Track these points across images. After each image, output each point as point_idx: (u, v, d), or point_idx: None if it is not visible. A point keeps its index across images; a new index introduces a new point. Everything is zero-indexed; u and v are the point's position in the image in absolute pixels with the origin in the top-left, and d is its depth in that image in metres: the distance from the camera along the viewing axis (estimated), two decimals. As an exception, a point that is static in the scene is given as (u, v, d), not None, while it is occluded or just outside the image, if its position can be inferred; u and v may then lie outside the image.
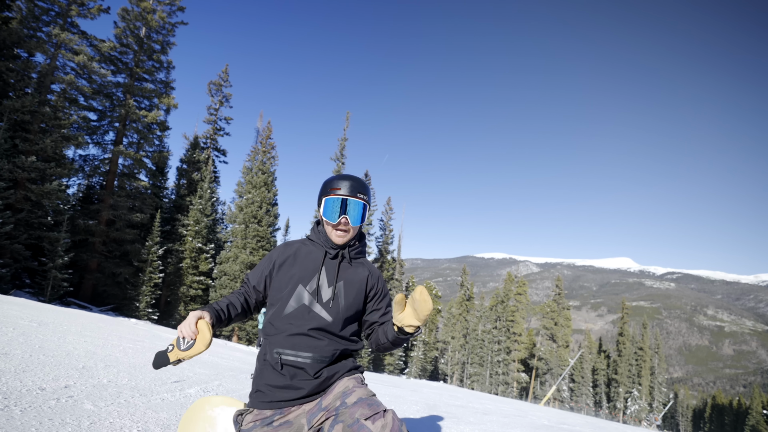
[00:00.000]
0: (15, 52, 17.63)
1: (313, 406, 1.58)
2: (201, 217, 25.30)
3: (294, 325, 1.63)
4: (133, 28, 22.67)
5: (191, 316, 1.56)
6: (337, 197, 1.69)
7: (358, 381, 1.63)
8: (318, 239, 1.77)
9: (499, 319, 47.14)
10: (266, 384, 1.60)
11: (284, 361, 1.58)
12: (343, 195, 1.68)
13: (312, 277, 1.69)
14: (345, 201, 1.68)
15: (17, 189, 16.57)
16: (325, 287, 1.69)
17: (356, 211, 1.69)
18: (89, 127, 21.92)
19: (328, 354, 1.60)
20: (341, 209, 1.68)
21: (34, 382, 2.96)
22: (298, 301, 1.66)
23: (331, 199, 1.69)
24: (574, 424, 11.25)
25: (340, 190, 1.69)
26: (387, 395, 7.56)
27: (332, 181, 1.73)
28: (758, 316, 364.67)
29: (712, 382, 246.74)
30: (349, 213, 1.68)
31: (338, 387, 1.59)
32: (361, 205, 1.70)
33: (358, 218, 1.70)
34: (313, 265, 1.72)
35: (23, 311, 7.80)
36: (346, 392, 1.55)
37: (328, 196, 1.70)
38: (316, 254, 1.75)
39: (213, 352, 9.00)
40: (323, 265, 1.72)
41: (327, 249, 1.74)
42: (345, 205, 1.68)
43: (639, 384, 49.78)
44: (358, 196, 1.69)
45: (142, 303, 21.26)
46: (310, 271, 1.71)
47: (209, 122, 30.10)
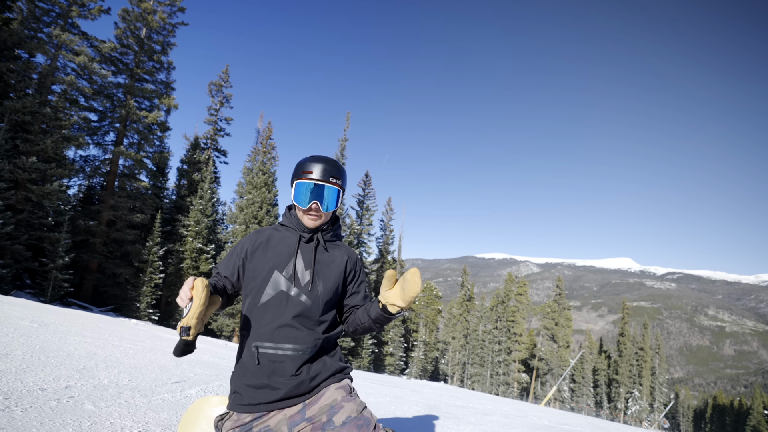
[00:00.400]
0: (16, 52, 17.65)
1: (295, 413, 1.49)
2: (201, 218, 25.31)
3: (273, 314, 1.54)
4: (134, 28, 22.68)
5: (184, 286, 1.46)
6: (309, 182, 1.58)
7: (347, 390, 1.55)
8: (290, 223, 1.68)
9: (500, 319, 47.11)
10: (243, 384, 1.52)
11: (262, 355, 1.49)
12: (315, 180, 1.57)
13: (288, 262, 1.60)
14: (316, 186, 1.57)
15: (18, 190, 16.59)
16: (302, 270, 1.60)
17: (329, 197, 1.59)
18: (90, 127, 21.93)
19: (309, 345, 1.52)
20: (312, 194, 1.57)
21: (35, 382, 2.96)
22: (275, 288, 1.56)
23: (303, 183, 1.59)
24: (575, 424, 11.24)
25: (312, 173, 1.57)
26: (387, 396, 7.56)
27: (304, 163, 1.61)
28: (759, 317, 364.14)
29: (713, 383, 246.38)
30: (319, 198, 1.57)
31: (325, 398, 1.50)
32: (335, 191, 1.60)
33: (330, 204, 1.60)
34: (287, 249, 1.62)
35: (24, 312, 7.81)
36: (334, 407, 1.46)
37: (299, 180, 1.59)
38: (290, 239, 1.65)
39: (214, 352, 8.99)
40: (299, 249, 1.62)
41: (300, 233, 1.64)
42: (317, 190, 1.57)
43: (640, 384, 49.71)
44: (331, 180, 1.58)
45: (143, 303, 21.27)
46: (285, 255, 1.61)
47: (210, 123, 30.12)
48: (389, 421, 4.54)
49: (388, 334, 36.60)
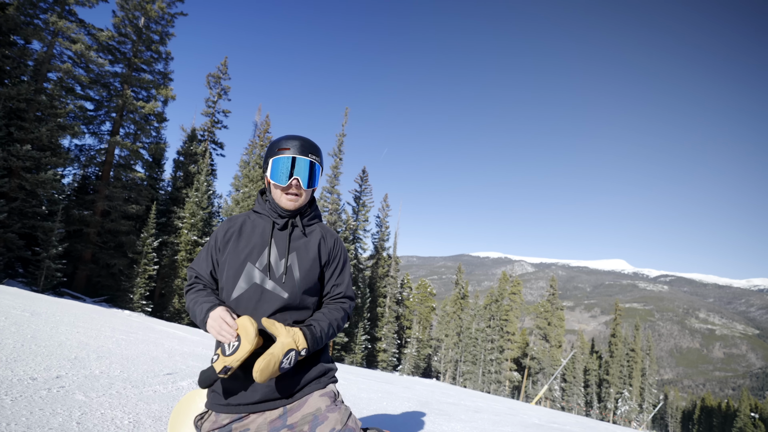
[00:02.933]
0: (11, 38, 17.43)
1: (275, 418, 1.43)
2: (197, 210, 25.21)
3: (246, 308, 1.46)
4: (132, 17, 22.45)
5: (217, 316, 1.36)
6: (287, 157, 1.50)
7: (331, 398, 1.48)
8: (263, 209, 1.58)
9: (493, 318, 47.35)
10: (220, 383, 1.46)
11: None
12: (293, 154, 1.50)
13: (261, 253, 1.51)
14: (294, 161, 1.50)
15: (11, 178, 16.44)
16: (276, 261, 1.50)
17: (309, 173, 1.51)
18: (86, 116, 21.73)
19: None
20: (292, 170, 1.49)
21: (26, 371, 2.95)
22: (248, 281, 1.47)
23: (279, 159, 1.50)
24: (565, 423, 11.35)
25: (288, 150, 1.50)
26: (379, 392, 7.59)
27: (279, 141, 1.55)
28: (749, 320, 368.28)
29: (702, 385, 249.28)
30: (299, 174, 1.50)
31: (308, 405, 1.44)
32: (314, 166, 1.53)
33: (311, 180, 1.53)
34: (260, 239, 1.54)
35: (16, 301, 7.76)
36: (318, 417, 1.40)
37: (276, 156, 1.51)
38: (263, 226, 1.56)
39: (206, 345, 8.97)
40: (272, 238, 1.54)
41: (274, 219, 1.56)
42: (294, 165, 1.50)
43: (630, 385, 50.20)
44: (309, 156, 1.52)
45: (136, 295, 21.19)
46: (258, 246, 1.52)
47: (207, 115, 29.93)
48: (380, 417, 4.57)
49: (382, 330, 36.70)
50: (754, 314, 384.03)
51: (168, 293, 24.52)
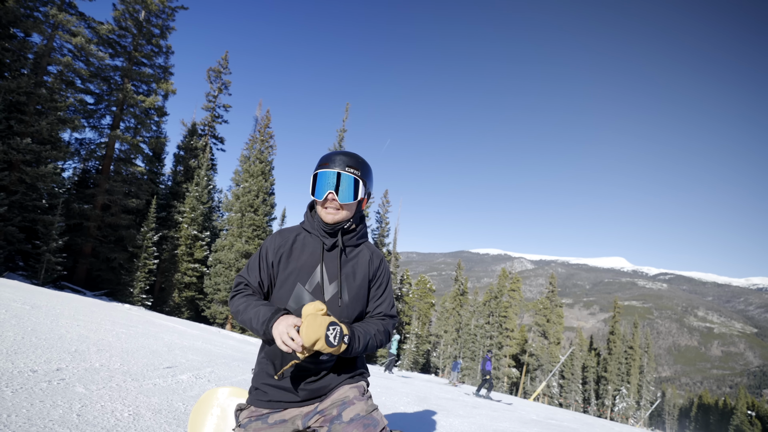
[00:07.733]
0: (11, 31, 17.34)
1: (311, 410, 1.51)
2: (197, 205, 25.21)
3: None
4: (133, 11, 22.33)
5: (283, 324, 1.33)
6: (325, 171, 1.52)
7: (360, 391, 1.52)
8: (311, 227, 1.59)
9: (492, 314, 47.45)
10: (265, 383, 1.53)
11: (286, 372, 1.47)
12: (331, 169, 1.51)
13: (311, 274, 1.53)
14: (333, 175, 1.51)
15: (12, 171, 16.42)
16: (327, 284, 1.53)
17: (345, 186, 1.51)
18: (86, 110, 21.66)
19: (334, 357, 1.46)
20: (328, 185, 1.50)
21: (26, 364, 2.96)
22: (298, 303, 1.50)
23: (317, 173, 1.53)
24: (563, 419, 11.42)
25: (327, 165, 1.52)
26: (379, 387, 7.63)
27: (324, 156, 1.57)
28: (747, 319, 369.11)
29: (700, 382, 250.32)
30: (334, 188, 1.50)
31: (338, 393, 1.50)
32: (352, 180, 1.51)
33: (347, 195, 1.51)
34: (310, 259, 1.55)
35: (16, 294, 7.78)
36: (345, 402, 1.45)
37: (315, 171, 1.54)
38: (312, 246, 1.58)
39: (206, 339, 9.01)
40: (323, 260, 1.55)
41: (323, 239, 1.56)
42: (332, 179, 1.51)
43: (628, 382, 50.43)
44: (347, 170, 1.51)
45: (137, 289, 21.24)
46: (307, 266, 1.54)
47: (208, 109, 29.85)
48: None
49: (381, 326, 36.75)
50: (753, 313, 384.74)
51: (168, 287, 24.57)
